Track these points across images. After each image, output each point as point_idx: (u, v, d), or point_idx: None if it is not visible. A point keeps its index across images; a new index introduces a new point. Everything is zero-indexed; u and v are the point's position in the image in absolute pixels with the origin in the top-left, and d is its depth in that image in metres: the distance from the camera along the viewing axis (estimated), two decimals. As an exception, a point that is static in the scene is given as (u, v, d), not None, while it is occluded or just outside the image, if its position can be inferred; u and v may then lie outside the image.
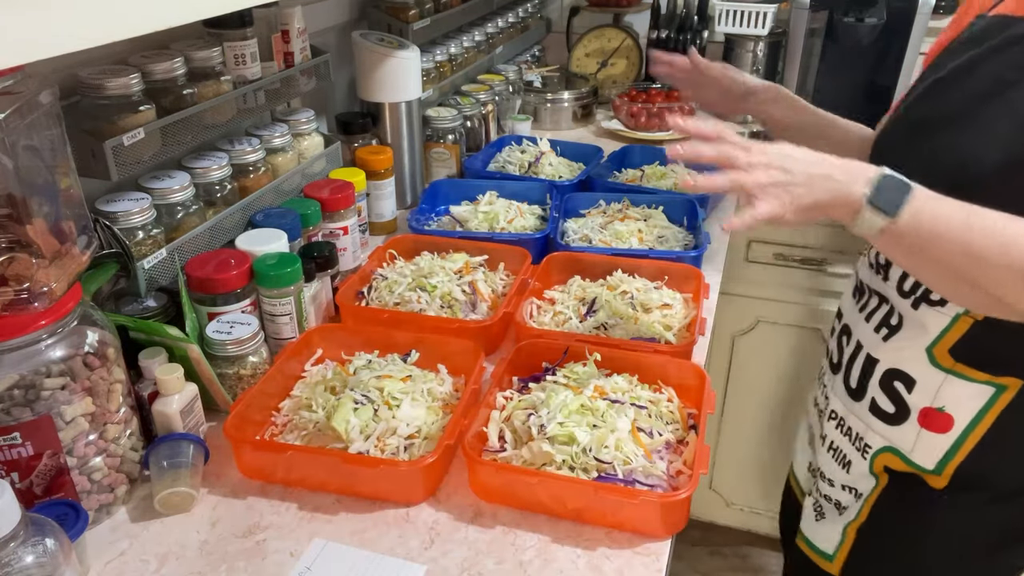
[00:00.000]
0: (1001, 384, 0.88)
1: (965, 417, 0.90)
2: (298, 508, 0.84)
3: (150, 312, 0.96)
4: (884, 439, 0.97)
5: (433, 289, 1.14)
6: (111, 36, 0.58)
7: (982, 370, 0.89)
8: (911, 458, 0.95)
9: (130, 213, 0.95)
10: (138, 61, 0.98)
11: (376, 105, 1.46)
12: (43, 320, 0.72)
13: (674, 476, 0.85)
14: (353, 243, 1.26)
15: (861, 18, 1.84)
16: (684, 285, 1.19)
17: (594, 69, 2.21)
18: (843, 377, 1.03)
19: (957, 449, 0.92)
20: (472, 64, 1.82)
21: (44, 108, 0.73)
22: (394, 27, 1.52)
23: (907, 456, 0.95)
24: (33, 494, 0.76)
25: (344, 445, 0.86)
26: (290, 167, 1.23)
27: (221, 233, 1.08)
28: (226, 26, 1.09)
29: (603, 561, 0.78)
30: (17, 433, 0.72)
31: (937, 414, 0.92)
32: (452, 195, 1.48)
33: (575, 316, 1.13)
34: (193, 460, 0.85)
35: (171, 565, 0.77)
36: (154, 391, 0.87)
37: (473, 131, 1.72)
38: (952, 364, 0.90)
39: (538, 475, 0.82)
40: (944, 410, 0.91)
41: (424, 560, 0.78)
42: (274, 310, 1.02)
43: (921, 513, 0.97)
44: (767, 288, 1.75)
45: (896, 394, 0.95)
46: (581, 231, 1.34)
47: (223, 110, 1.09)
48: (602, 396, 0.92)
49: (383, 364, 0.99)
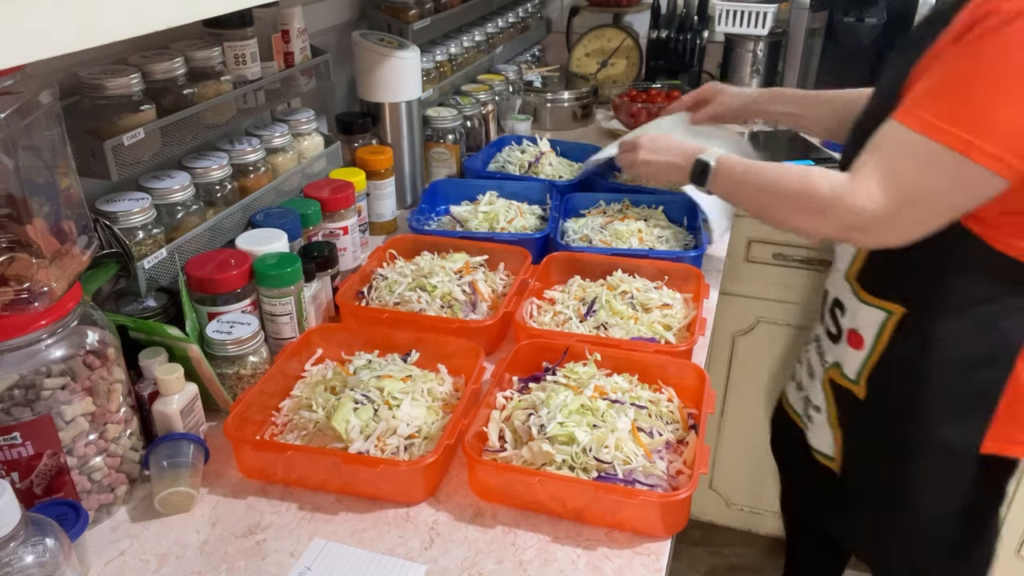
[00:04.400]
0: (890, 309, 1.06)
1: (870, 336, 1.09)
2: (298, 508, 0.84)
3: (150, 312, 0.96)
4: (832, 356, 1.18)
5: (433, 289, 1.14)
6: (111, 36, 0.58)
7: (875, 296, 1.08)
8: (844, 370, 1.15)
9: (130, 213, 0.95)
10: (138, 61, 0.98)
11: (376, 105, 1.46)
12: (43, 320, 0.72)
13: (674, 476, 0.85)
14: (353, 243, 1.26)
15: (861, 18, 1.85)
16: (684, 285, 1.19)
17: (594, 69, 2.21)
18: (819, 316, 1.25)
19: (866, 363, 1.10)
20: (472, 64, 1.82)
21: (44, 108, 0.73)
22: (394, 27, 1.52)
23: (842, 369, 1.15)
24: (33, 494, 0.76)
25: (344, 445, 0.86)
26: (290, 167, 1.23)
27: (221, 233, 1.08)
28: (226, 26, 1.09)
29: (603, 561, 0.78)
30: (17, 433, 0.72)
31: (855, 334, 1.12)
32: (452, 195, 1.48)
33: (575, 316, 1.13)
34: (193, 460, 0.85)
35: (171, 565, 0.77)
36: (154, 391, 0.87)
37: (473, 131, 1.71)
38: (859, 290, 1.10)
39: (538, 475, 0.82)
40: (858, 331, 1.11)
41: (424, 560, 0.78)
42: (274, 310, 1.02)
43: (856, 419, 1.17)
44: (767, 288, 1.75)
45: (837, 319, 1.16)
46: (581, 231, 1.34)
47: (223, 110, 1.09)
48: (602, 396, 0.92)
49: (383, 364, 0.99)
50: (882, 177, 0.89)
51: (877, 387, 1.10)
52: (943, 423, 1.05)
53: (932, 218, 0.91)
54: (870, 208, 0.90)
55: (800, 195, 0.96)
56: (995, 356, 1.01)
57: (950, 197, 0.89)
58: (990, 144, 0.83)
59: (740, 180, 1.05)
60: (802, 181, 0.96)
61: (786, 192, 0.98)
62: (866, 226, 0.92)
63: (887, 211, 0.89)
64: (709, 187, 1.09)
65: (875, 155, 0.91)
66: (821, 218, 0.95)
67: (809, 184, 0.95)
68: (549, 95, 2.00)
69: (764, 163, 1.04)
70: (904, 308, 1.04)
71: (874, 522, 1.22)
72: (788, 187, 0.97)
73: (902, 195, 0.89)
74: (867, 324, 1.09)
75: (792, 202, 0.98)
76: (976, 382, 1.02)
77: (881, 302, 1.07)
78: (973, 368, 1.02)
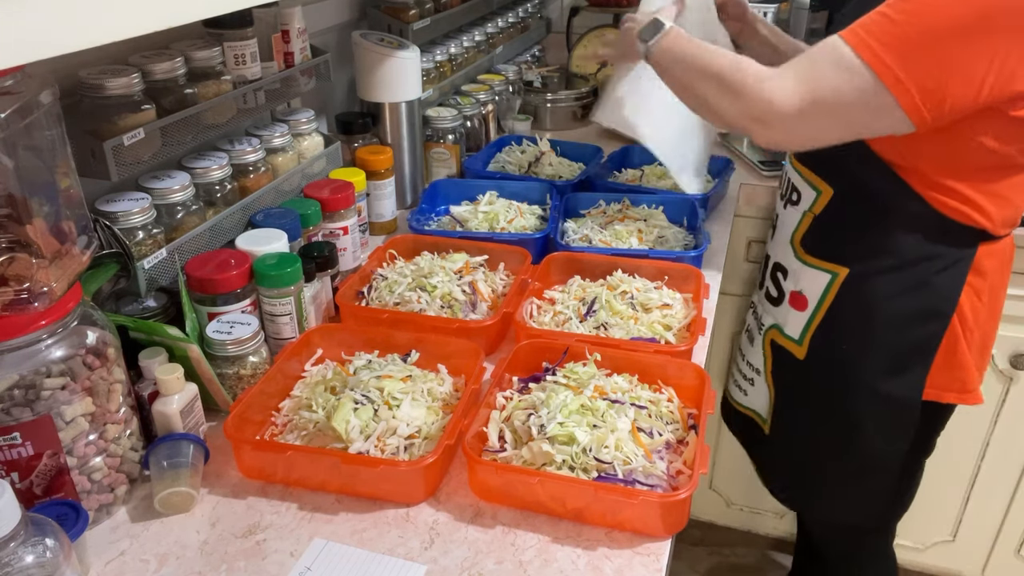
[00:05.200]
0: (834, 271, 1.12)
1: (814, 297, 1.15)
2: (298, 508, 0.84)
3: (150, 312, 0.96)
4: (772, 317, 1.25)
5: (433, 289, 1.14)
6: (111, 36, 0.58)
7: (820, 258, 1.14)
8: (785, 331, 1.21)
9: (130, 213, 0.95)
10: (138, 61, 0.98)
11: (376, 105, 1.46)
12: (43, 320, 0.72)
13: (674, 476, 0.85)
14: (353, 243, 1.26)
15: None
16: (684, 285, 1.19)
17: (594, 69, 2.21)
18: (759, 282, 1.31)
19: (810, 323, 1.16)
20: (472, 64, 1.82)
21: (44, 108, 0.73)
22: (394, 27, 1.52)
23: (783, 329, 1.22)
24: (33, 494, 0.76)
25: (344, 445, 0.86)
26: (290, 167, 1.23)
27: (221, 233, 1.08)
28: (226, 26, 1.09)
29: (603, 561, 0.78)
30: (17, 433, 0.72)
31: (798, 295, 1.18)
32: (452, 195, 1.48)
33: (575, 316, 1.13)
34: (193, 460, 0.85)
35: (171, 565, 0.77)
36: (154, 391, 0.87)
37: (473, 131, 1.71)
38: (803, 254, 1.16)
39: (538, 475, 0.82)
40: (802, 292, 1.17)
41: (424, 560, 0.78)
42: (274, 310, 1.02)
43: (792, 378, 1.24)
44: (767, 288, 1.74)
45: (778, 282, 1.23)
46: (581, 231, 1.34)
47: (223, 110, 1.09)
48: (602, 396, 0.92)
49: (383, 364, 0.99)
50: (800, 77, 0.93)
51: (819, 345, 1.16)
52: (886, 374, 1.11)
53: (829, 129, 0.96)
54: (779, 102, 0.94)
55: (728, 71, 0.98)
56: (932, 311, 1.07)
57: (853, 112, 0.93)
58: (909, 81, 0.88)
59: (683, 51, 1.05)
60: (733, 60, 0.99)
61: (717, 67, 0.99)
62: (770, 119, 0.96)
63: (793, 108, 0.93)
64: (651, 47, 1.08)
65: (804, 57, 0.95)
66: (735, 99, 0.98)
67: (738, 65, 0.98)
68: (549, 95, 2.00)
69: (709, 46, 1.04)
70: (847, 268, 1.10)
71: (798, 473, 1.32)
72: (720, 64, 1.00)
73: (812, 97, 0.92)
74: (811, 286, 1.15)
75: (718, 78, 0.99)
76: (915, 336, 1.09)
77: (825, 263, 1.13)
78: (913, 322, 1.08)
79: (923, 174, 0.99)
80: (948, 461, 1.73)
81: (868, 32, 0.90)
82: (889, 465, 1.21)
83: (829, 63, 0.92)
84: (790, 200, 1.20)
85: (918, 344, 1.09)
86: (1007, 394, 1.64)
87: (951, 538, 1.83)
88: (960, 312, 1.07)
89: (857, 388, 1.14)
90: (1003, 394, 1.64)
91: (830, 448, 1.22)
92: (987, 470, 1.72)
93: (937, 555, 1.86)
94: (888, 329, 1.09)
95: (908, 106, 0.89)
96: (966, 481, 1.75)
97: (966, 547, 1.82)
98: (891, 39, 0.88)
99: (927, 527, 1.83)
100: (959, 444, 1.70)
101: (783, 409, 1.28)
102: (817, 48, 0.95)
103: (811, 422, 1.23)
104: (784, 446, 1.31)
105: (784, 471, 1.36)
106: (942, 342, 1.08)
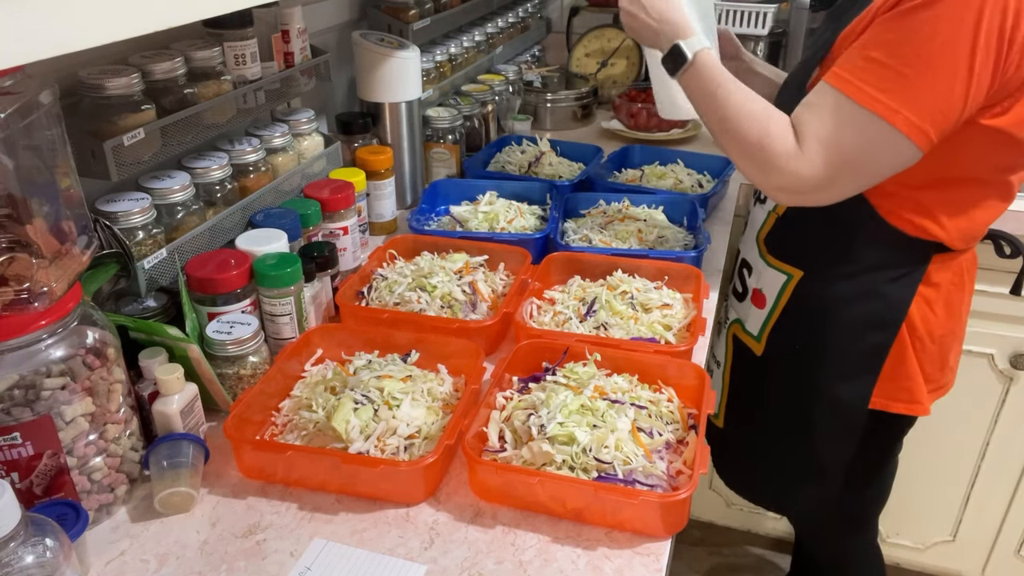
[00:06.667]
0: (790, 272, 1.15)
1: (771, 297, 1.18)
2: (298, 508, 0.84)
3: (150, 312, 0.96)
4: (735, 312, 1.29)
5: (433, 289, 1.14)
6: (111, 36, 0.58)
7: (778, 259, 1.17)
8: (746, 327, 1.25)
9: (130, 213, 0.95)
10: (138, 61, 0.98)
11: (376, 105, 1.46)
12: (43, 320, 0.72)
13: (674, 476, 0.85)
14: (353, 243, 1.26)
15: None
16: (684, 285, 1.19)
17: (594, 69, 2.21)
18: (730, 276, 1.34)
19: (767, 322, 1.20)
20: (472, 64, 1.82)
21: (44, 108, 0.73)
22: (394, 27, 1.52)
23: (744, 325, 1.26)
24: (33, 494, 0.76)
25: (344, 445, 0.86)
26: (290, 167, 1.23)
27: (221, 233, 1.08)
28: (226, 26, 1.09)
29: (603, 561, 0.78)
30: (17, 433, 0.72)
31: (759, 293, 1.21)
32: (452, 195, 1.48)
33: (575, 316, 1.13)
34: (193, 460, 0.85)
35: (171, 565, 0.77)
36: (154, 391, 0.87)
37: (473, 131, 1.71)
38: (766, 253, 1.19)
39: (538, 475, 0.82)
40: (762, 290, 1.20)
41: (424, 560, 0.78)
42: (274, 310, 1.02)
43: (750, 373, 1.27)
44: (767, 288, 1.74)
45: (744, 278, 1.26)
46: (581, 231, 1.34)
47: (223, 110, 1.09)
48: (602, 396, 0.92)
49: (383, 364, 0.99)
50: (822, 146, 0.93)
51: (775, 344, 1.20)
52: (836, 379, 1.14)
53: (859, 182, 0.97)
54: (809, 177, 0.95)
55: (755, 146, 0.98)
56: (883, 320, 1.09)
57: (878, 164, 0.94)
58: (915, 115, 0.89)
59: (708, 92, 1.04)
60: (761, 133, 0.97)
61: (744, 135, 0.99)
62: (802, 190, 0.97)
63: (824, 177, 0.95)
64: (676, 78, 1.09)
65: (815, 117, 0.94)
66: (764, 175, 0.99)
67: (767, 138, 0.97)
68: (549, 95, 2.00)
69: (735, 86, 1.02)
70: (802, 271, 1.13)
71: (749, 466, 1.36)
72: (747, 132, 0.98)
73: (840, 160, 0.93)
74: (770, 285, 1.18)
75: (746, 149, 0.99)
76: (867, 343, 1.10)
77: (783, 265, 1.16)
78: (864, 330, 1.10)
79: (891, 187, 1.00)
80: (948, 461, 1.73)
81: (866, 82, 0.90)
82: (841, 468, 1.21)
83: (843, 122, 0.92)
84: (759, 198, 1.23)
85: (867, 351, 1.11)
86: (1007, 394, 1.64)
87: (951, 538, 1.83)
88: (910, 323, 1.08)
89: (809, 389, 1.16)
90: (1003, 394, 1.64)
91: (781, 445, 1.24)
92: (987, 470, 1.72)
93: (937, 555, 1.86)
94: (839, 334, 1.11)
95: (922, 143, 0.90)
96: (966, 481, 1.75)
97: (966, 547, 1.82)
98: (891, 84, 0.89)
99: (927, 527, 1.83)
100: (959, 444, 1.70)
101: (736, 402, 1.32)
102: (821, 98, 0.95)
103: (764, 418, 1.26)
104: (735, 439, 1.35)
105: (736, 462, 1.40)
106: (890, 352, 1.09)
